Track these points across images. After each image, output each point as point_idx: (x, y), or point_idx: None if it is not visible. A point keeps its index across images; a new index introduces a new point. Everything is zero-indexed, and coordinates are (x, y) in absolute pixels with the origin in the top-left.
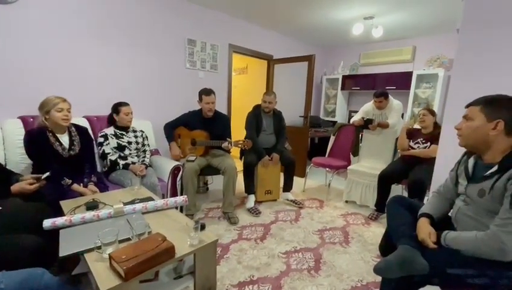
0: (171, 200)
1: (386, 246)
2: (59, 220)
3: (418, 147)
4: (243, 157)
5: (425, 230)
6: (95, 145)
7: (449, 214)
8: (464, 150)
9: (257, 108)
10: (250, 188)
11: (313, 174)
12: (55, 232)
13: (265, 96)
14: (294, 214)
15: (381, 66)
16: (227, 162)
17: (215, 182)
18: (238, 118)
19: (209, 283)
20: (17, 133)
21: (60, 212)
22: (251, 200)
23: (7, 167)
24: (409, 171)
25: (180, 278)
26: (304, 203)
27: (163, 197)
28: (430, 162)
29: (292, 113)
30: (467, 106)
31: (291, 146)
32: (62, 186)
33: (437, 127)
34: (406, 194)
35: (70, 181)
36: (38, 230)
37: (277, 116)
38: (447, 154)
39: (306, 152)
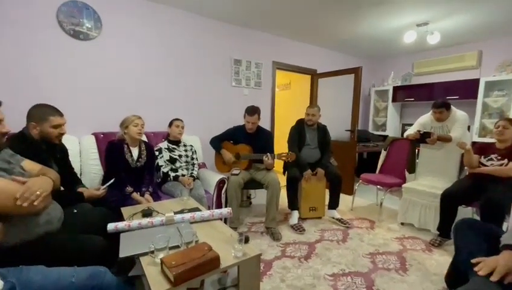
0: (216, 212)
1: (454, 277)
2: (120, 224)
3: (492, 164)
4: (286, 172)
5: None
6: None
7: None
8: None
9: (300, 122)
10: (293, 203)
11: (361, 192)
12: (115, 235)
13: (309, 109)
14: (341, 234)
15: (439, 75)
16: (271, 176)
17: (258, 196)
18: (281, 134)
19: None
20: (90, 147)
21: (120, 218)
22: (295, 217)
23: (81, 177)
24: (480, 191)
25: None
26: (351, 223)
27: (209, 208)
28: (507, 181)
29: (338, 127)
30: None
31: (337, 161)
32: (124, 193)
33: None
34: (477, 218)
35: (132, 189)
36: (103, 232)
37: (321, 130)
38: None
39: (353, 168)
